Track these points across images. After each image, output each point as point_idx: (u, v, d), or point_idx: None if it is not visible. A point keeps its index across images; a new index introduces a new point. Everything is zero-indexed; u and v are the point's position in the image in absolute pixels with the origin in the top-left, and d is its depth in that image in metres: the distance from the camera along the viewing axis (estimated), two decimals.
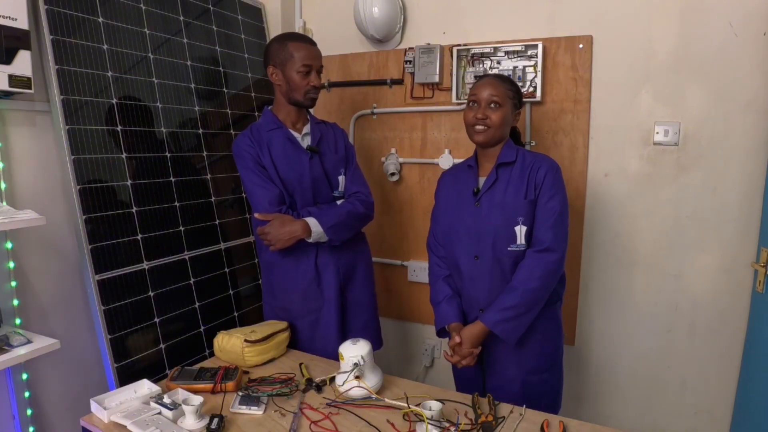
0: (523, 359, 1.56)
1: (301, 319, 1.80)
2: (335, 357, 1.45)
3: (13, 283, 1.52)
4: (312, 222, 1.67)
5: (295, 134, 1.78)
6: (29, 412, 1.56)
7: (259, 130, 1.75)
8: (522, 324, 1.49)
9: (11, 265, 1.51)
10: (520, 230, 1.51)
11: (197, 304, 1.89)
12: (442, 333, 1.65)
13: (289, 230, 1.64)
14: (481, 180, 1.60)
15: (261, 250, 1.85)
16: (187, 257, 1.87)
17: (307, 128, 1.81)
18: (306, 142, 1.79)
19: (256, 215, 1.68)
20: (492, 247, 1.53)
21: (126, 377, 1.58)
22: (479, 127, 1.54)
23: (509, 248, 1.52)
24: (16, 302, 1.52)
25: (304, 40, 1.76)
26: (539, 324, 1.55)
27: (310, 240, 1.68)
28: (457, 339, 1.51)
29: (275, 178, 1.71)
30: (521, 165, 1.55)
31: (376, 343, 1.94)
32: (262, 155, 1.70)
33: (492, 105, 1.53)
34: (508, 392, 1.51)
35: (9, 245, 1.50)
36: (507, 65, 2.07)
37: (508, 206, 1.52)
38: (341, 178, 1.84)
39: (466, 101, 2.14)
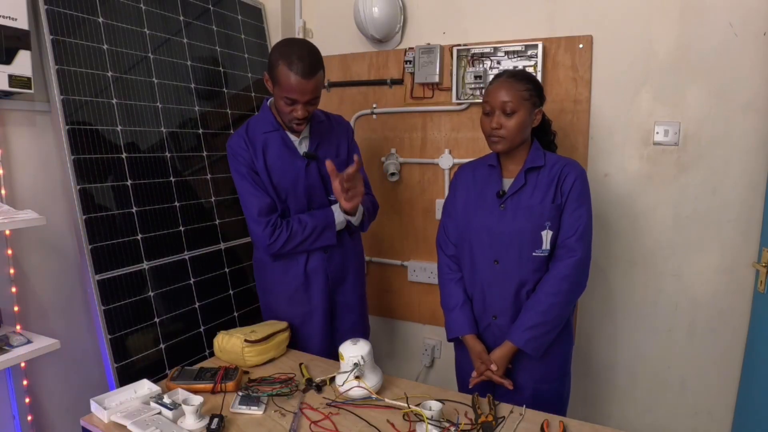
0: (534, 367, 1.54)
1: (287, 321, 1.79)
2: (321, 356, 1.43)
3: (13, 284, 1.52)
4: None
5: (293, 138, 1.70)
6: (29, 412, 1.56)
7: (255, 131, 1.67)
8: (549, 338, 1.50)
9: (11, 265, 1.51)
10: (547, 235, 1.49)
11: (197, 304, 1.89)
12: (454, 340, 1.65)
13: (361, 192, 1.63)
14: (506, 182, 1.55)
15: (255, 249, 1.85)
16: (187, 257, 1.87)
17: (307, 131, 1.71)
18: (304, 145, 1.71)
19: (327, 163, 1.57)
20: (516, 252, 1.50)
21: (126, 377, 1.58)
22: (494, 138, 1.48)
23: (534, 253, 1.50)
24: (15, 302, 1.52)
25: (297, 68, 1.50)
26: None
27: (353, 218, 1.69)
28: (494, 368, 1.51)
29: (267, 185, 1.65)
30: (549, 169, 1.51)
31: None
32: (255, 159, 1.64)
33: (506, 112, 1.45)
34: (517, 400, 1.46)
35: (9, 246, 1.50)
36: (507, 65, 2.07)
37: (536, 210, 1.49)
38: None
39: (466, 101, 2.18)
